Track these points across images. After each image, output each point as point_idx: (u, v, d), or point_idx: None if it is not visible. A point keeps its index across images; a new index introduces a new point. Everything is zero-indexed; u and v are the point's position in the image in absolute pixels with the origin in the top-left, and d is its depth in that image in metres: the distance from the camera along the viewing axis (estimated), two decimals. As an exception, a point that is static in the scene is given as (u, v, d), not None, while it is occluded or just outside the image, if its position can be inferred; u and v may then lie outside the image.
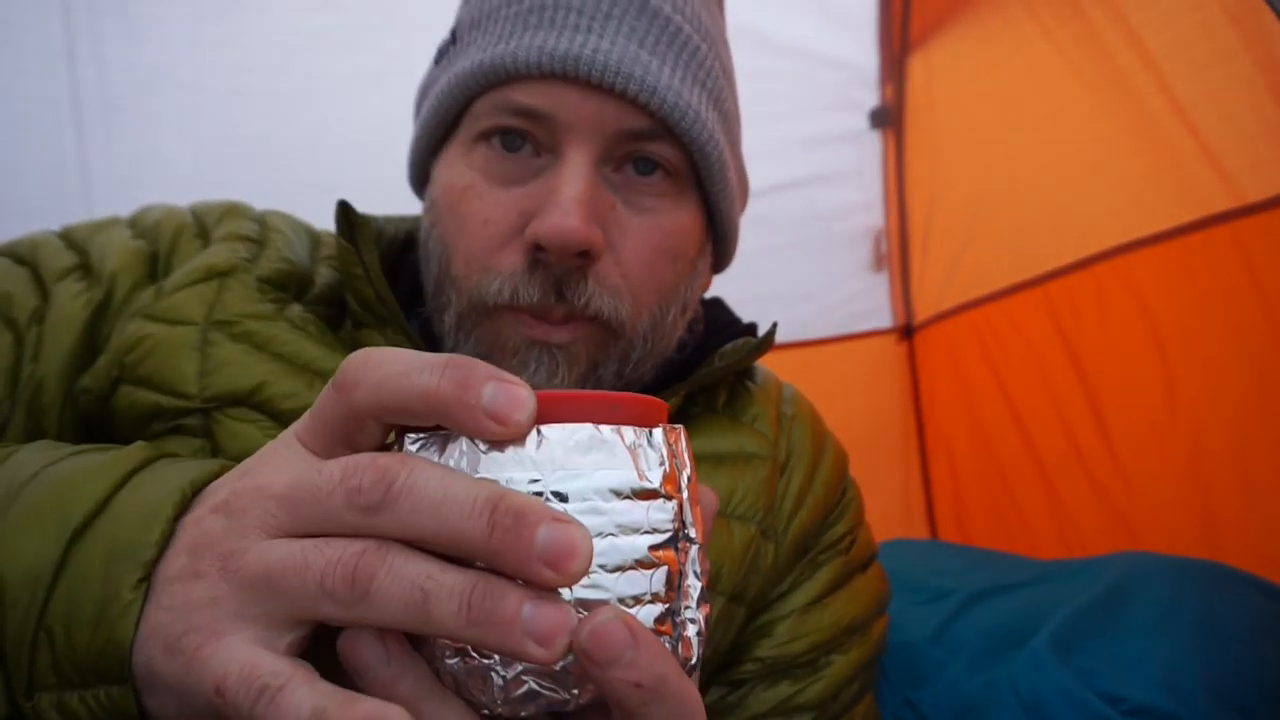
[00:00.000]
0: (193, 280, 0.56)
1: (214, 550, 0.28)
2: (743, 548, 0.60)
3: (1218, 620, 0.79)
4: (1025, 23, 1.34)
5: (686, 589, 0.30)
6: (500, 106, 0.55)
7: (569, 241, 0.51)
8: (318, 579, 0.25)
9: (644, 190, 0.56)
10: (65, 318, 0.54)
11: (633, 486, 0.28)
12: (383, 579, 0.25)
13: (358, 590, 0.25)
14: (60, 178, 1.11)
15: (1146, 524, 1.22)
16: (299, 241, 0.63)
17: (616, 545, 0.27)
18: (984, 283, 1.51)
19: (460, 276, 0.56)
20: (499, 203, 0.54)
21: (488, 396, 0.26)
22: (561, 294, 0.53)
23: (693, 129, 0.55)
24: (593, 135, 0.54)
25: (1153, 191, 1.17)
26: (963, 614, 0.94)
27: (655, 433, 0.29)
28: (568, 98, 0.53)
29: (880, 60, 1.63)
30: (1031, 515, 1.41)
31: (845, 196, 1.65)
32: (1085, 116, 1.26)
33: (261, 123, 1.21)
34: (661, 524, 0.28)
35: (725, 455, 0.63)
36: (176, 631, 0.27)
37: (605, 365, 0.57)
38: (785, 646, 0.63)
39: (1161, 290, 1.18)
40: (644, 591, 0.28)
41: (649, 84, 0.53)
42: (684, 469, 0.30)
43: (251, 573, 0.27)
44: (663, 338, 0.60)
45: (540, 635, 0.24)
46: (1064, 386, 1.34)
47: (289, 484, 0.28)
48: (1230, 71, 1.03)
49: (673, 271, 0.58)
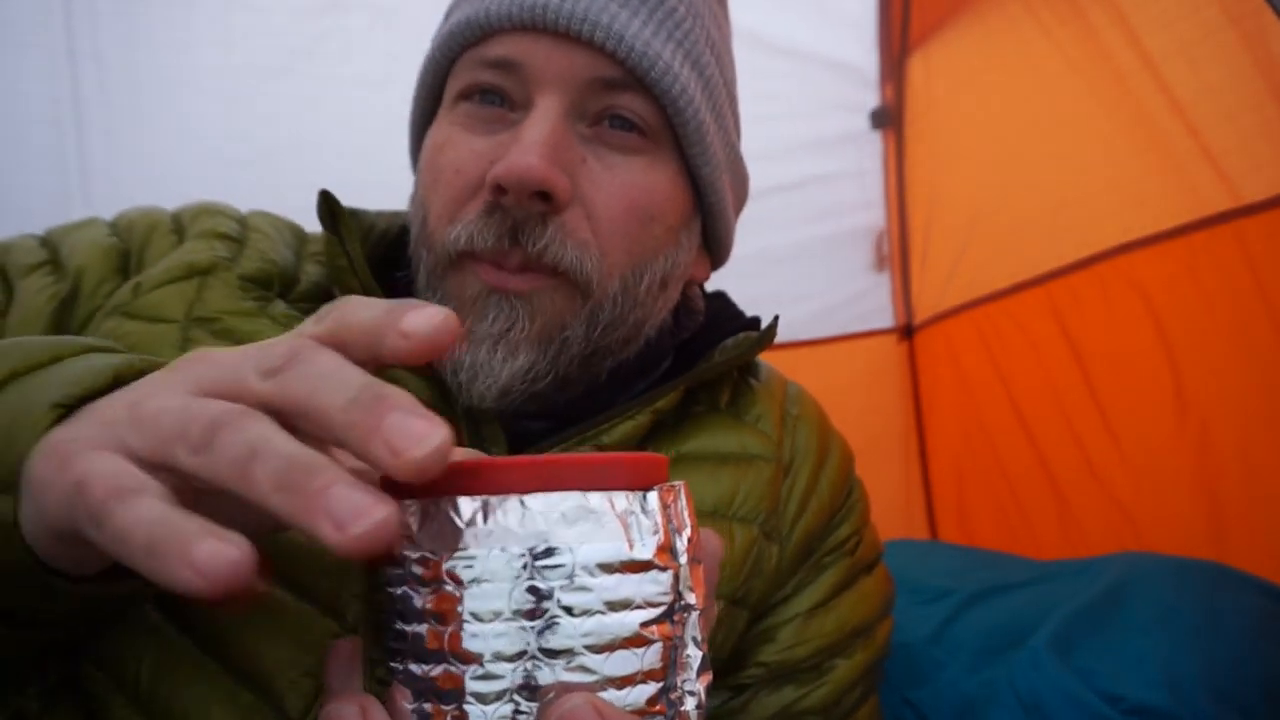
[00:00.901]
0: (173, 278, 0.55)
1: (133, 390, 0.29)
2: (744, 550, 0.59)
3: (1218, 620, 0.79)
4: (1025, 23, 1.34)
5: (684, 661, 0.28)
6: (476, 62, 0.56)
7: (525, 179, 0.50)
8: (183, 423, 0.26)
9: (616, 146, 0.56)
10: (29, 312, 0.53)
11: (622, 559, 0.26)
12: (228, 433, 0.25)
13: (205, 439, 0.25)
14: (60, 178, 1.11)
15: (1151, 523, 1.21)
16: (282, 240, 0.62)
17: (604, 624, 0.26)
18: (984, 282, 1.51)
19: (432, 230, 0.56)
20: (472, 151, 0.55)
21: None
22: (517, 239, 0.52)
23: (663, 80, 0.55)
24: (563, 85, 0.54)
25: (1153, 191, 1.17)
26: (962, 614, 0.94)
27: (650, 496, 0.27)
28: (538, 47, 0.54)
29: (880, 61, 1.63)
30: (1033, 515, 1.41)
31: (845, 197, 1.65)
32: (1085, 116, 1.26)
33: (261, 123, 1.21)
34: (655, 597, 0.27)
35: (728, 455, 0.62)
36: (64, 439, 0.28)
37: (573, 326, 0.55)
38: (789, 651, 0.62)
39: (1164, 289, 1.17)
40: (635, 671, 0.26)
41: (615, 31, 0.53)
42: (682, 530, 0.28)
43: (146, 410, 0.27)
44: (636, 307, 0.58)
45: (337, 516, 0.23)
46: (1066, 386, 1.34)
47: (223, 353, 0.29)
48: (1230, 71, 1.03)
49: (647, 233, 0.57)
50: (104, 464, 0.26)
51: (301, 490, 0.23)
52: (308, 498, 0.23)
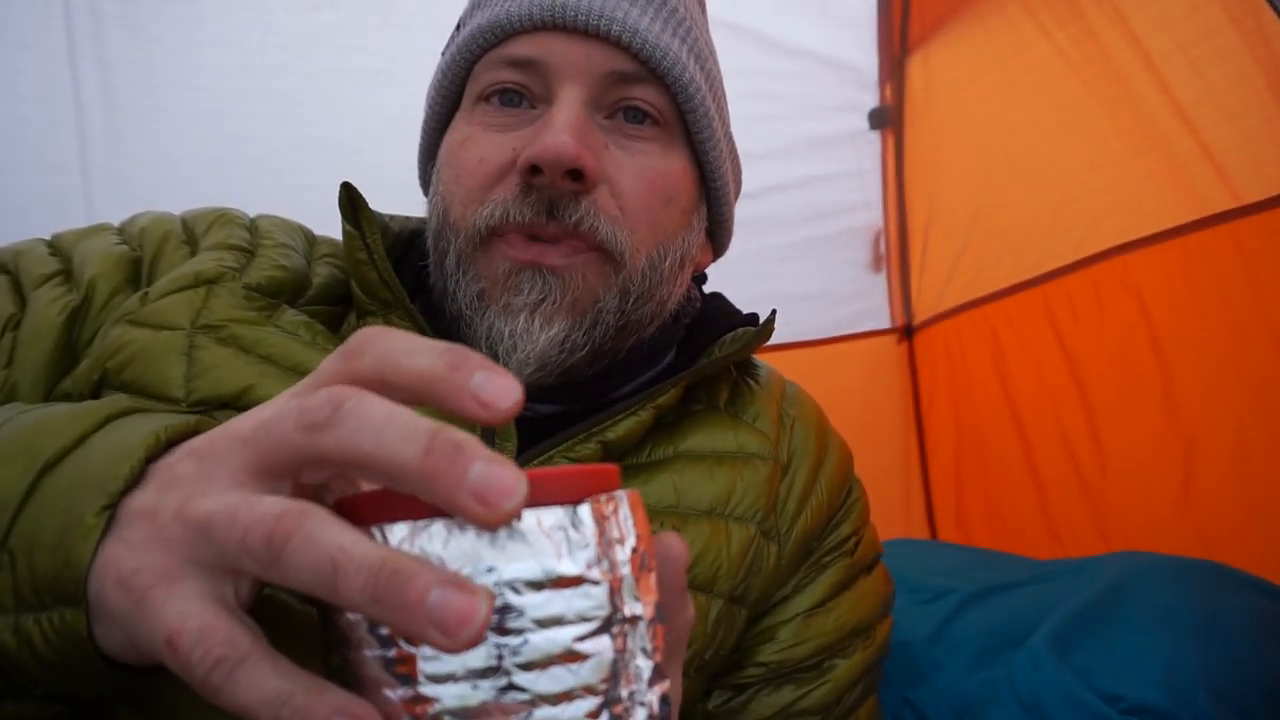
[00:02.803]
0: (179, 287, 0.55)
1: (179, 491, 0.28)
2: (742, 548, 0.60)
3: (1217, 620, 0.79)
4: (1024, 23, 1.34)
5: (631, 672, 0.27)
6: (496, 62, 0.58)
7: (562, 156, 0.52)
8: (241, 535, 0.25)
9: (634, 135, 0.59)
10: (41, 323, 0.53)
11: (551, 575, 0.26)
12: (296, 545, 0.25)
13: (272, 552, 0.25)
14: (60, 178, 1.11)
15: (1141, 524, 1.22)
16: (293, 245, 0.62)
17: (532, 642, 0.25)
18: (984, 283, 1.51)
19: (458, 218, 0.57)
20: (494, 143, 0.57)
21: (476, 381, 0.26)
22: (554, 213, 0.54)
23: (674, 69, 0.58)
24: (582, 78, 0.56)
25: (1152, 191, 1.17)
26: (962, 613, 0.94)
27: (581, 510, 0.27)
28: (557, 44, 0.56)
29: (880, 61, 1.64)
30: (1029, 515, 1.41)
31: (845, 196, 1.65)
32: (1085, 116, 1.26)
33: (261, 123, 1.21)
34: (588, 611, 0.26)
35: (725, 454, 0.62)
36: (130, 567, 0.27)
37: (606, 298, 0.56)
38: (789, 651, 0.62)
39: (1160, 290, 1.18)
40: (571, 687, 0.26)
41: (630, 26, 0.56)
42: (624, 541, 0.28)
43: (196, 518, 0.27)
44: (662, 283, 0.60)
45: (444, 622, 0.23)
46: (1064, 386, 1.34)
47: (256, 423, 0.28)
48: (1230, 71, 1.03)
49: (667, 213, 0.59)
50: (191, 614, 0.26)
51: (399, 603, 0.23)
52: (408, 610, 0.23)
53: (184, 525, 0.27)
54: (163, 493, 0.29)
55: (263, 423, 0.28)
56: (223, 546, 0.26)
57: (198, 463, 0.29)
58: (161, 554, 0.27)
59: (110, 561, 0.28)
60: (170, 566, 0.27)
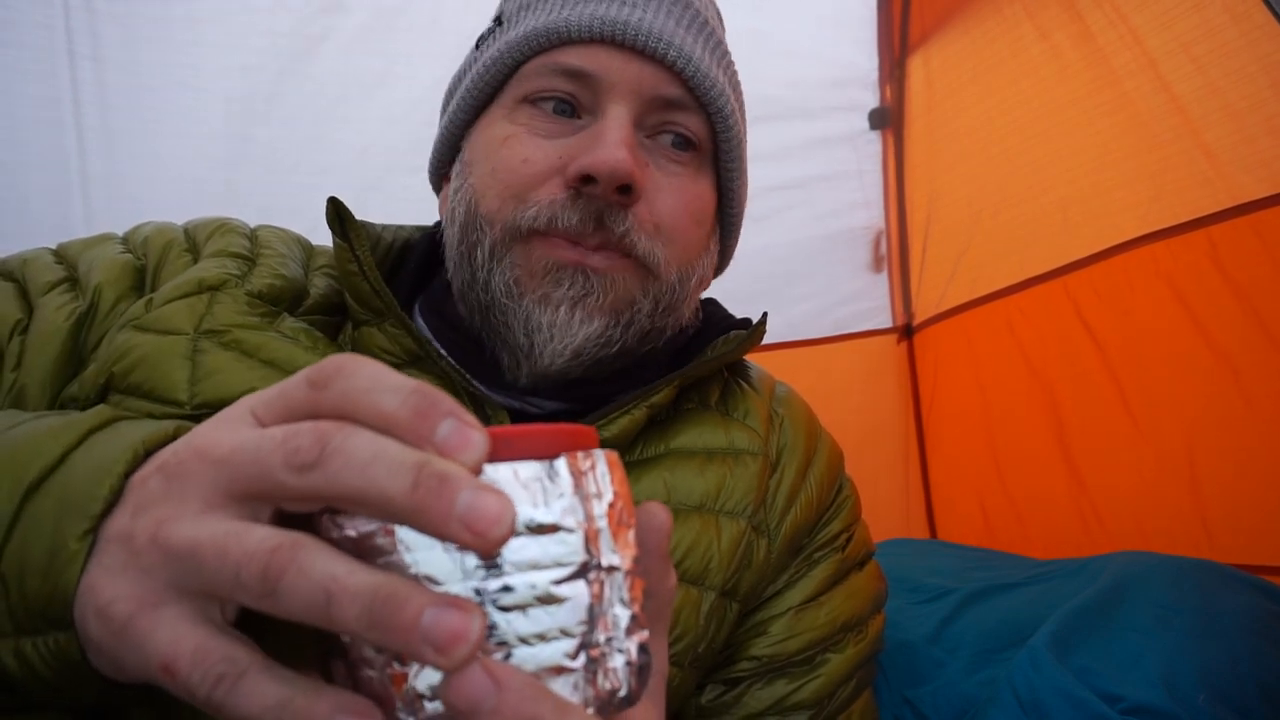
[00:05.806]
0: (183, 293, 0.56)
1: (150, 514, 0.28)
2: (733, 543, 0.61)
3: (1216, 619, 0.79)
4: (1024, 24, 1.34)
5: (609, 619, 0.29)
6: (549, 68, 0.59)
7: (619, 171, 0.54)
8: (234, 568, 0.25)
9: (672, 158, 0.61)
10: (48, 329, 0.54)
11: (526, 522, 0.27)
12: (291, 578, 0.25)
13: (267, 585, 0.25)
14: (60, 178, 1.11)
15: (1136, 522, 1.22)
16: (292, 255, 0.64)
17: (510, 584, 0.26)
18: (984, 283, 1.51)
19: (492, 211, 0.58)
20: (540, 147, 0.58)
21: (442, 432, 0.26)
22: (602, 223, 0.56)
23: (719, 100, 0.60)
24: (632, 96, 0.58)
25: (1152, 191, 1.17)
26: (961, 613, 0.94)
27: (557, 464, 0.28)
28: (613, 60, 0.58)
29: (880, 61, 1.64)
30: (1030, 515, 1.41)
31: (845, 196, 1.65)
32: (1084, 117, 1.26)
33: (261, 124, 1.21)
34: (564, 557, 0.27)
35: (715, 451, 0.63)
36: (106, 597, 0.28)
37: (641, 304, 0.59)
38: (781, 645, 0.63)
39: (1159, 290, 1.18)
40: (548, 628, 0.27)
41: (684, 52, 0.59)
42: (600, 496, 0.29)
43: (179, 545, 0.27)
44: (685, 300, 0.62)
45: (438, 642, 0.24)
46: (1063, 386, 1.34)
47: (232, 448, 0.28)
48: (1231, 70, 1.03)
49: (698, 235, 0.62)
50: (182, 638, 0.26)
51: (394, 626, 0.24)
52: (404, 633, 0.24)
53: (162, 553, 0.27)
54: (136, 515, 0.29)
55: (242, 449, 0.27)
56: (214, 579, 0.26)
57: (166, 480, 0.29)
58: (139, 582, 0.27)
59: (89, 589, 0.28)
60: (149, 594, 0.27)
